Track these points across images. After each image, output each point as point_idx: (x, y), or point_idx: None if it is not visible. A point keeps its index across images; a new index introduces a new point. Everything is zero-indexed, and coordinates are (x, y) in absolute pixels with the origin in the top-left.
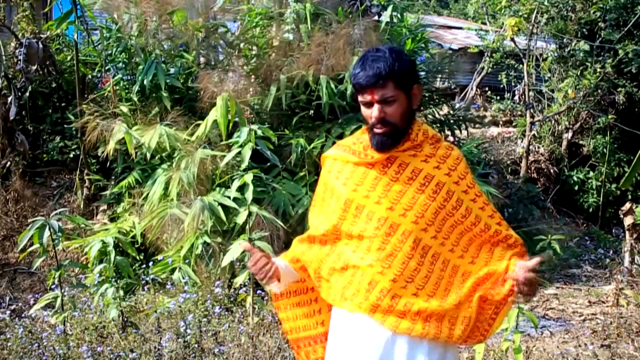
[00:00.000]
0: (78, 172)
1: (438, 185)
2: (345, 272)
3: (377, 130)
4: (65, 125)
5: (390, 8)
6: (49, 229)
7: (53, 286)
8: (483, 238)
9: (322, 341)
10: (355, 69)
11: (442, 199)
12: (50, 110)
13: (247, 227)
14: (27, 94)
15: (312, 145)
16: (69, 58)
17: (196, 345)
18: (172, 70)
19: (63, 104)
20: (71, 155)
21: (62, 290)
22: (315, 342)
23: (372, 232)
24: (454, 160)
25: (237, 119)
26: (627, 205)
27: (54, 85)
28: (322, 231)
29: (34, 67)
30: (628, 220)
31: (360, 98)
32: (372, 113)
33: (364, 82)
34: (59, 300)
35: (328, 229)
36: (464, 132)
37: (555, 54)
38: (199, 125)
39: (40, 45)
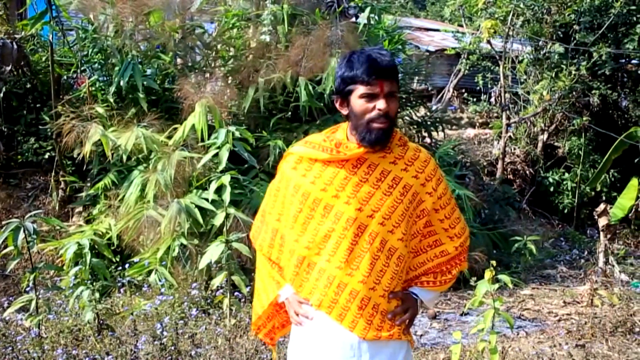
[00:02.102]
0: (53, 174)
1: (405, 188)
2: (309, 276)
3: (377, 125)
4: (40, 127)
5: (367, 10)
6: (24, 231)
7: (27, 289)
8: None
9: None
10: (356, 61)
11: (408, 202)
12: (24, 111)
13: (225, 229)
14: (1, 94)
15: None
16: (44, 59)
17: (173, 348)
18: (148, 72)
19: (38, 105)
20: (46, 157)
21: (37, 293)
22: (268, 320)
23: (341, 233)
24: (422, 163)
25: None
26: (602, 206)
27: (28, 85)
28: (291, 234)
29: (8, 68)
30: (602, 221)
31: (363, 90)
32: (376, 105)
33: (376, 72)
34: (33, 303)
35: (292, 229)
36: (441, 134)
37: (531, 56)
38: (176, 128)
39: (15, 46)
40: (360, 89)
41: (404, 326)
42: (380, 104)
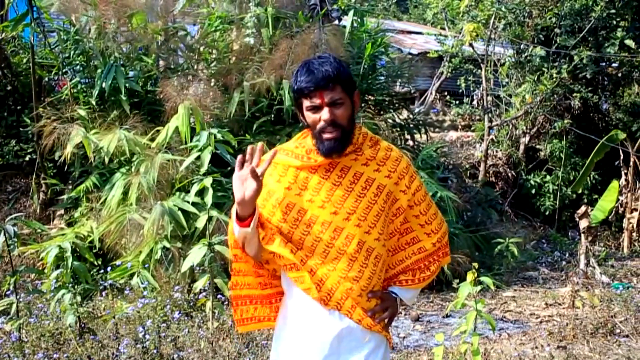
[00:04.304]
0: (34, 176)
1: (379, 189)
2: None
3: (327, 135)
4: (21, 129)
5: (351, 13)
6: (4, 234)
7: (8, 292)
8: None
9: (257, 302)
10: (299, 75)
11: (382, 202)
12: (5, 113)
13: (207, 232)
14: None
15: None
16: (25, 60)
17: (155, 351)
18: (131, 74)
19: (19, 107)
20: (27, 159)
21: (18, 297)
22: (250, 302)
23: (316, 236)
24: (393, 162)
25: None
26: (583, 208)
27: (9, 87)
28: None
29: None
30: (583, 223)
31: (307, 103)
32: (321, 116)
33: (313, 85)
34: (14, 306)
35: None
36: (424, 136)
37: (513, 60)
38: (158, 130)
39: None
40: (305, 103)
41: (383, 324)
42: (324, 114)
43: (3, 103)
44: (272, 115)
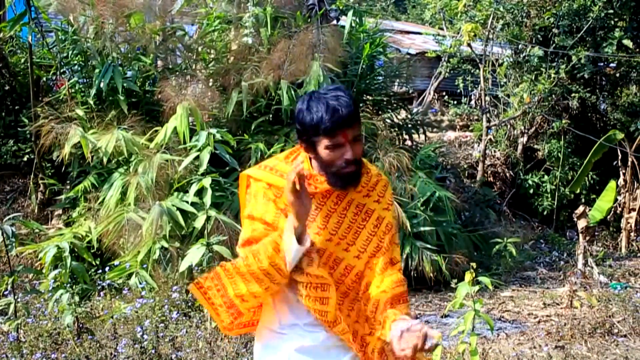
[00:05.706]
0: (32, 176)
1: (367, 213)
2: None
3: (346, 171)
4: (19, 129)
5: (350, 13)
6: (2, 234)
7: (6, 292)
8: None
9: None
10: (317, 112)
11: (372, 226)
12: (3, 113)
13: (206, 231)
14: None
15: (271, 150)
16: (22, 60)
17: (153, 351)
18: (129, 74)
19: (17, 107)
20: (25, 159)
21: (16, 297)
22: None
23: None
24: (382, 188)
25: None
26: (581, 208)
27: (7, 87)
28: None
29: None
30: (581, 223)
31: (327, 142)
32: (343, 155)
33: (338, 125)
34: (12, 306)
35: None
36: (422, 136)
37: (511, 60)
38: (157, 130)
39: None
40: (325, 142)
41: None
42: (348, 154)
43: (1, 103)
44: (270, 115)
